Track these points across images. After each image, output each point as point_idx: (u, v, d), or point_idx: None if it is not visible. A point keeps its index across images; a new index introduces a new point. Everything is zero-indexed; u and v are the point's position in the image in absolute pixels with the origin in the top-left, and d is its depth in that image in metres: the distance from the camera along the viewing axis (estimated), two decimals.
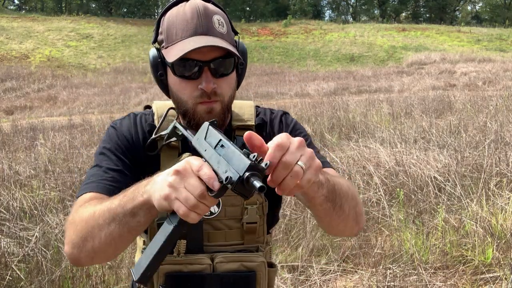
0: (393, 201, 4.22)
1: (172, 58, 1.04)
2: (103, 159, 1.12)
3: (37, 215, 4.01)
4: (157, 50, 1.12)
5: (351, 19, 52.23)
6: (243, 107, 1.22)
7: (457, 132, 6.28)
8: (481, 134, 5.97)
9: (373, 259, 3.36)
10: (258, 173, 0.75)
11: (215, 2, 1.12)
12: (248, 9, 48.47)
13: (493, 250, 3.24)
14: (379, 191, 4.25)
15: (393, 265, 3.25)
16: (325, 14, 59.02)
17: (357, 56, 28.51)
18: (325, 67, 26.20)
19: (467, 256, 3.31)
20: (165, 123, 1.15)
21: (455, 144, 5.50)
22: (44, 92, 18.76)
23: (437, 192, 4.22)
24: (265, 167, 0.76)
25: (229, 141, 0.84)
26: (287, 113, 1.26)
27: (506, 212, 3.64)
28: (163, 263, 1.06)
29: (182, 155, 1.12)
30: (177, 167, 0.83)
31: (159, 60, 1.11)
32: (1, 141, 7.85)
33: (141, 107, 1.86)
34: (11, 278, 2.94)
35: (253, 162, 0.76)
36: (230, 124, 1.19)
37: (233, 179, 0.76)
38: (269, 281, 1.14)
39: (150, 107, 1.24)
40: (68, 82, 21.12)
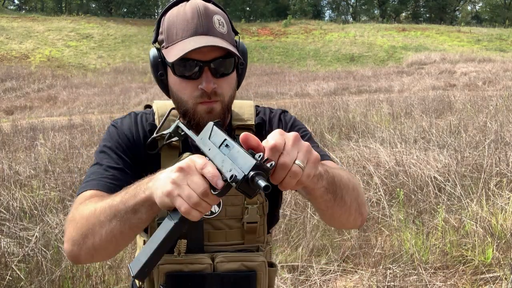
0: (393, 201, 4.22)
1: (173, 58, 1.04)
2: (103, 157, 1.12)
3: (37, 215, 4.01)
4: (157, 50, 1.12)
5: (351, 19, 52.26)
6: (243, 106, 1.23)
7: (457, 132, 6.28)
8: (481, 134, 5.97)
9: (373, 259, 3.36)
10: (263, 173, 0.76)
11: (215, 2, 1.12)
12: (248, 9, 48.47)
13: (493, 250, 3.24)
14: (379, 191, 4.25)
15: (393, 265, 3.25)
16: (325, 14, 59.10)
17: (357, 56, 28.51)
18: (325, 67, 26.20)
19: (467, 256, 3.31)
20: (166, 122, 1.15)
21: (455, 144, 5.50)
22: (44, 92, 18.76)
23: (437, 192, 4.22)
24: (270, 167, 0.77)
25: (234, 141, 0.84)
26: (286, 111, 1.26)
27: (506, 212, 3.64)
28: (163, 262, 1.06)
29: (182, 154, 1.12)
30: (180, 164, 0.83)
31: (159, 60, 1.11)
32: (1, 141, 7.85)
33: (141, 107, 1.86)
34: (11, 278, 2.94)
35: (259, 161, 0.76)
36: (230, 123, 1.19)
37: (238, 177, 0.77)
38: (269, 281, 1.14)
39: (151, 106, 1.24)
40: (68, 82, 21.12)
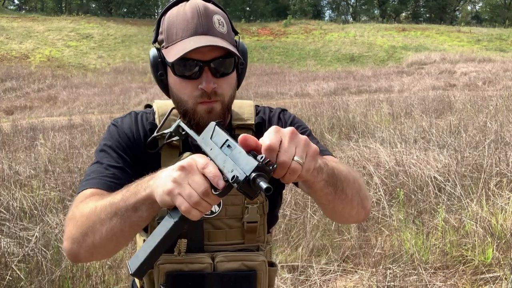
0: (393, 201, 4.22)
1: (172, 58, 1.04)
2: (104, 156, 1.12)
3: (37, 215, 4.01)
4: (157, 50, 1.12)
5: (351, 19, 52.24)
6: (242, 106, 1.23)
7: (457, 132, 6.28)
8: (481, 134, 5.97)
9: (373, 259, 3.36)
10: (265, 174, 0.76)
11: (215, 2, 1.12)
12: (248, 9, 48.46)
13: (493, 250, 3.24)
14: (379, 191, 4.25)
15: (393, 265, 3.25)
16: (325, 14, 59.07)
17: (357, 56, 28.51)
18: (325, 67, 26.19)
19: (467, 256, 3.31)
20: (166, 122, 1.15)
21: (455, 144, 5.50)
22: (44, 92, 18.75)
23: (437, 192, 4.22)
24: (272, 169, 0.78)
25: (236, 142, 0.85)
26: (285, 109, 1.27)
27: (506, 212, 3.64)
28: (164, 262, 1.06)
29: (182, 154, 1.12)
30: (182, 163, 0.83)
31: (159, 60, 1.11)
32: (1, 141, 7.85)
33: (141, 107, 1.86)
34: (11, 278, 2.94)
35: (261, 163, 0.77)
36: (230, 123, 1.19)
37: (239, 178, 0.77)
38: (269, 280, 1.14)
39: (151, 106, 1.24)
40: (68, 82, 21.11)
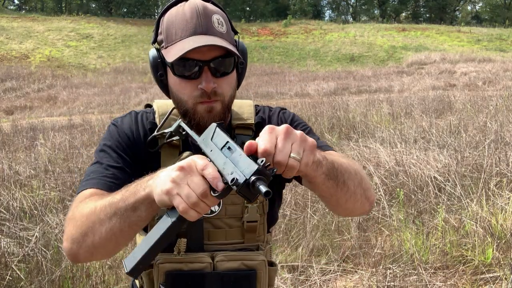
0: (393, 201, 4.22)
1: (172, 58, 1.04)
2: (103, 156, 1.11)
3: (37, 215, 4.00)
4: (156, 50, 1.12)
5: (351, 19, 52.22)
6: (242, 106, 1.23)
7: (457, 132, 6.28)
8: (481, 134, 5.97)
9: (373, 259, 3.36)
10: (264, 178, 0.76)
11: (214, 2, 1.12)
12: (248, 9, 48.45)
13: (493, 250, 3.24)
14: (379, 191, 4.24)
15: (393, 265, 3.25)
16: (325, 14, 59.04)
17: (357, 56, 28.50)
18: (325, 67, 26.19)
19: (467, 256, 3.31)
20: (166, 121, 1.15)
21: (455, 144, 5.50)
22: (44, 92, 18.75)
23: (437, 192, 4.22)
24: (272, 173, 0.78)
25: (236, 144, 0.85)
26: (285, 108, 1.27)
27: (506, 212, 3.64)
28: (163, 261, 1.06)
29: (182, 153, 1.12)
30: (181, 164, 0.83)
31: (159, 60, 1.11)
32: (1, 141, 7.85)
33: (141, 107, 1.86)
34: (11, 278, 2.94)
35: (261, 166, 0.77)
36: (230, 123, 1.19)
37: (239, 181, 0.77)
38: (269, 280, 1.14)
39: (151, 105, 1.24)
40: (68, 82, 21.11)
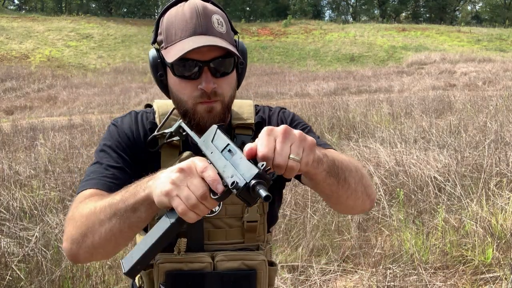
0: (393, 201, 4.22)
1: (172, 58, 1.04)
2: (103, 156, 1.11)
3: (37, 215, 4.00)
4: (156, 50, 1.12)
5: (351, 19, 52.21)
6: (242, 106, 1.23)
7: (457, 132, 6.28)
8: (481, 134, 5.97)
9: (373, 259, 3.36)
10: (264, 182, 0.76)
11: (214, 2, 1.12)
12: (248, 9, 48.44)
13: (493, 250, 3.24)
14: (379, 191, 4.24)
15: (393, 265, 3.25)
16: (325, 14, 59.03)
17: (357, 56, 28.50)
18: (325, 67, 26.18)
19: (467, 256, 3.31)
20: (167, 121, 1.15)
21: (455, 144, 5.50)
22: (44, 92, 18.75)
23: (437, 192, 4.22)
24: (272, 177, 0.78)
25: (237, 147, 0.84)
26: (284, 108, 1.27)
27: (506, 212, 3.64)
28: (163, 261, 1.06)
29: (182, 153, 1.12)
30: (181, 165, 0.83)
31: (158, 61, 1.11)
32: (1, 141, 7.85)
33: (141, 107, 1.86)
34: (11, 278, 2.94)
35: (261, 170, 0.77)
36: (230, 123, 1.19)
37: (239, 184, 0.77)
38: (269, 280, 1.14)
39: (151, 105, 1.24)
40: (68, 82, 21.11)
